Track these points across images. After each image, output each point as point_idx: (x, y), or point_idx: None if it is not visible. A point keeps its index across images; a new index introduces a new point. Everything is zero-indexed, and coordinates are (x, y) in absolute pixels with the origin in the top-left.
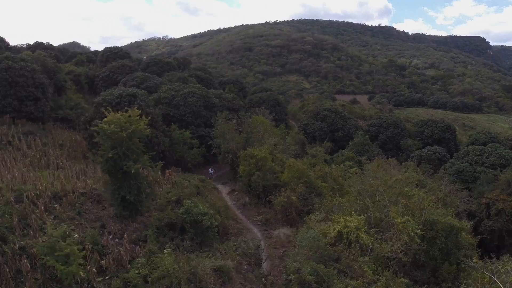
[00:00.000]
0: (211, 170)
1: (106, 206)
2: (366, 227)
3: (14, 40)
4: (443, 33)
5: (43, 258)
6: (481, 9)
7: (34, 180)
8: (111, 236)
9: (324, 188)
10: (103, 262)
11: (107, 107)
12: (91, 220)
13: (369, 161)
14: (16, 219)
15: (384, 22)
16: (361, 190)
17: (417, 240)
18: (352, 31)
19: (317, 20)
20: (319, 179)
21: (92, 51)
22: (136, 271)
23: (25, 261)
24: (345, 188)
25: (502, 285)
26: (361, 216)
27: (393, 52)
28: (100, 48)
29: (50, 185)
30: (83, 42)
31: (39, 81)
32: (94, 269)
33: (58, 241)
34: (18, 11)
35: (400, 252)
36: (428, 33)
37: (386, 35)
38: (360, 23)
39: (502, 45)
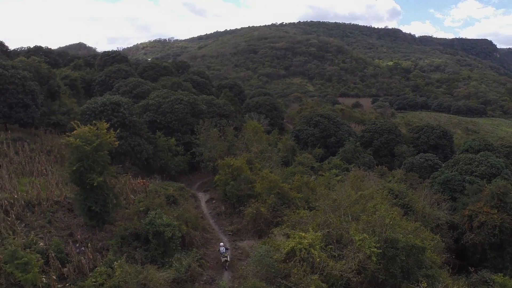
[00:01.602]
0: (223, 248)
1: (77, 215)
2: (323, 243)
3: (20, 42)
4: (450, 35)
5: (5, 265)
6: (489, 11)
7: (11, 188)
8: (77, 244)
9: (297, 199)
10: (65, 269)
11: (76, 121)
12: (60, 228)
13: (358, 169)
14: None
15: (392, 25)
16: (325, 205)
17: (374, 258)
18: (358, 33)
19: (323, 22)
20: (295, 189)
21: (92, 55)
22: (93, 280)
23: None
24: (318, 199)
25: None
26: (318, 233)
27: (399, 55)
28: (107, 48)
29: (25, 194)
30: (90, 43)
31: (29, 88)
32: (54, 277)
33: (19, 250)
34: (25, 12)
35: (351, 271)
36: (435, 36)
37: (393, 37)
38: (366, 25)
39: (509, 48)
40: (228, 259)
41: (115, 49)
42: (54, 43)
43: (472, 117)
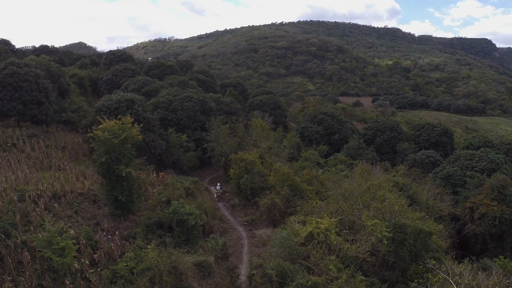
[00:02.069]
0: (219, 186)
1: (101, 205)
2: (338, 228)
3: (20, 41)
4: (450, 35)
5: (41, 251)
6: (489, 11)
7: (36, 181)
8: (104, 233)
9: (308, 191)
10: (95, 255)
11: (102, 116)
12: (87, 218)
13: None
14: (19, 217)
15: (392, 24)
16: (337, 194)
17: (385, 242)
18: (358, 32)
19: (323, 22)
20: (305, 182)
21: (96, 54)
22: (124, 264)
23: (26, 253)
24: (329, 191)
25: (456, 285)
26: (332, 219)
27: (399, 54)
28: (107, 48)
29: (50, 186)
30: (89, 42)
31: (42, 86)
32: (87, 262)
33: (55, 236)
34: (24, 12)
35: (366, 252)
36: (434, 35)
37: (392, 36)
38: (366, 25)
39: (509, 47)
40: (220, 194)
41: (114, 48)
42: (54, 42)
43: (471, 116)
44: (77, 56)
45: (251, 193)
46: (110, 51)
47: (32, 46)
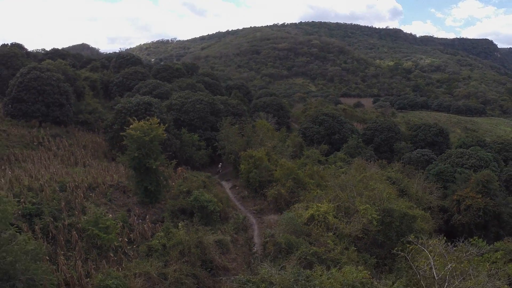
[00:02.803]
0: (220, 165)
1: (130, 195)
2: (335, 212)
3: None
4: (451, 35)
5: (88, 230)
6: (490, 11)
7: (70, 175)
8: (136, 217)
9: (310, 184)
10: (131, 235)
11: (133, 117)
12: (119, 205)
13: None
14: (63, 203)
15: (394, 24)
16: (335, 185)
17: (374, 223)
18: (359, 33)
19: (324, 23)
20: (307, 176)
21: (105, 57)
22: (157, 241)
23: (74, 233)
24: (327, 183)
25: (430, 253)
26: (330, 204)
27: (400, 55)
28: (108, 48)
29: (85, 178)
30: (90, 42)
31: (63, 89)
32: (126, 239)
33: (101, 217)
34: (23, 12)
35: (357, 230)
36: (436, 35)
37: (394, 37)
38: (367, 26)
39: (510, 48)
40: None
41: (116, 49)
42: (55, 43)
43: (471, 117)
44: (86, 59)
45: (259, 186)
46: (119, 54)
47: (42, 49)
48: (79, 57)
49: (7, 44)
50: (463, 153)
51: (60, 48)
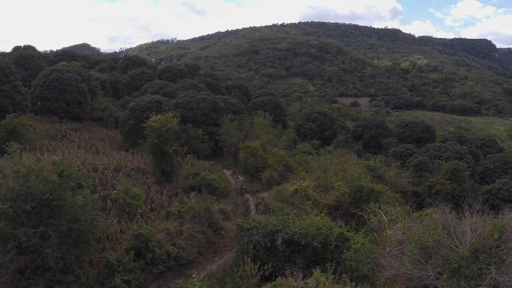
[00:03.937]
0: (241, 179)
1: (148, 176)
2: (315, 188)
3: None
4: (451, 35)
5: (120, 198)
6: (490, 11)
7: (98, 160)
8: (155, 192)
9: (298, 169)
10: (152, 205)
11: (152, 112)
12: (140, 183)
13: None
14: (97, 180)
15: (394, 24)
16: (317, 167)
17: (346, 196)
18: (358, 33)
19: (324, 23)
20: (296, 163)
21: (111, 58)
22: (174, 208)
23: (108, 201)
24: (312, 167)
25: (385, 215)
26: (311, 182)
27: (398, 55)
28: (109, 48)
29: (110, 163)
30: (91, 42)
31: (81, 89)
32: (149, 207)
33: (130, 188)
34: (23, 12)
35: (331, 200)
36: (436, 35)
37: (392, 37)
38: (366, 26)
39: (509, 48)
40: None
41: (117, 49)
42: (55, 43)
43: (466, 116)
44: (94, 60)
45: (255, 171)
46: (126, 56)
47: (49, 51)
48: (87, 58)
49: (20, 46)
50: (440, 147)
51: (67, 50)
